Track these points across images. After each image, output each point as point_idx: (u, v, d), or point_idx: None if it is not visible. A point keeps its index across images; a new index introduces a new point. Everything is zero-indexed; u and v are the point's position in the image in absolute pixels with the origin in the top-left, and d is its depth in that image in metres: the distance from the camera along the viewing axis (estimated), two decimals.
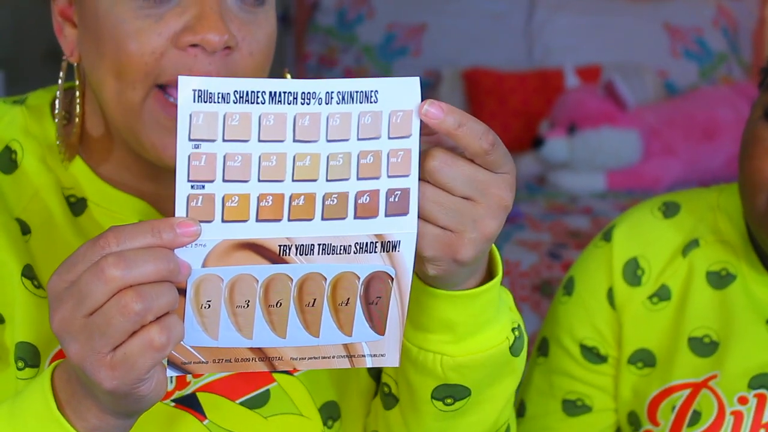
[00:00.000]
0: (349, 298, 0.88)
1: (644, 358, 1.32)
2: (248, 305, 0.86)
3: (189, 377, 1.04)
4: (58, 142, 1.04)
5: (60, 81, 1.05)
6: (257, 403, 1.06)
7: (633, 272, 1.33)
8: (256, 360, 0.89)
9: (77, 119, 1.05)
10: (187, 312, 0.85)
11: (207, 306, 0.85)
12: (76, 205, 1.05)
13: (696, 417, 1.27)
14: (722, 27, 4.00)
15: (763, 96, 1.25)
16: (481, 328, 0.97)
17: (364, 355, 0.91)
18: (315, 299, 0.88)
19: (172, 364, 0.87)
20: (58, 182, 1.05)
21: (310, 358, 0.90)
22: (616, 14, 3.96)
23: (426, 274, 0.93)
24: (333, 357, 0.90)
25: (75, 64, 1.04)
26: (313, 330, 0.89)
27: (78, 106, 1.05)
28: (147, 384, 0.84)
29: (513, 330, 1.00)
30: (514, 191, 0.91)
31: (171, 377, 1.03)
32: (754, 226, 1.25)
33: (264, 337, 0.88)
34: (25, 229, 1.02)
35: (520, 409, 1.40)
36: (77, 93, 1.05)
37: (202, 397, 1.04)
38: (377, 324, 0.90)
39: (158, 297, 0.81)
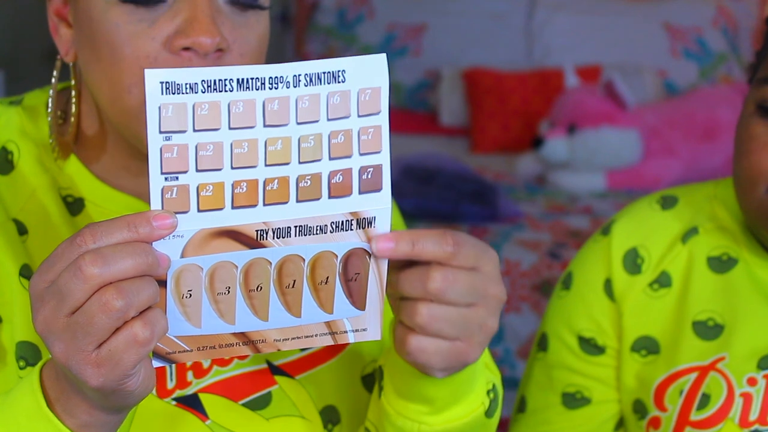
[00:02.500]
0: (328, 277, 0.88)
1: (648, 346, 1.32)
2: (229, 291, 0.86)
3: (190, 377, 1.04)
4: (51, 141, 1.05)
5: (54, 80, 1.06)
6: (259, 404, 1.06)
7: (633, 261, 1.33)
8: (240, 344, 0.89)
9: (73, 118, 1.05)
10: (169, 303, 0.85)
11: (188, 296, 0.85)
12: (74, 205, 1.05)
13: (705, 400, 1.27)
14: (722, 27, 4.00)
15: (753, 91, 1.25)
16: (458, 400, 0.98)
17: (346, 331, 0.91)
18: (294, 280, 0.88)
19: (157, 355, 0.87)
20: (55, 182, 1.05)
21: (293, 338, 0.90)
22: (616, 14, 3.97)
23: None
24: (315, 335, 0.91)
25: (71, 64, 1.04)
26: (295, 310, 0.89)
27: (74, 106, 1.05)
28: (134, 379, 0.83)
29: (488, 392, 1.01)
30: (501, 280, 0.93)
31: (171, 371, 1.04)
32: (752, 221, 1.26)
33: (246, 321, 0.88)
34: (22, 230, 1.02)
35: (521, 405, 1.41)
36: (73, 92, 1.05)
37: (204, 398, 1.04)
38: (357, 300, 0.90)
39: (139, 292, 0.81)
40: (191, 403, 1.04)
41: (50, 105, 1.06)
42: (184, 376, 1.04)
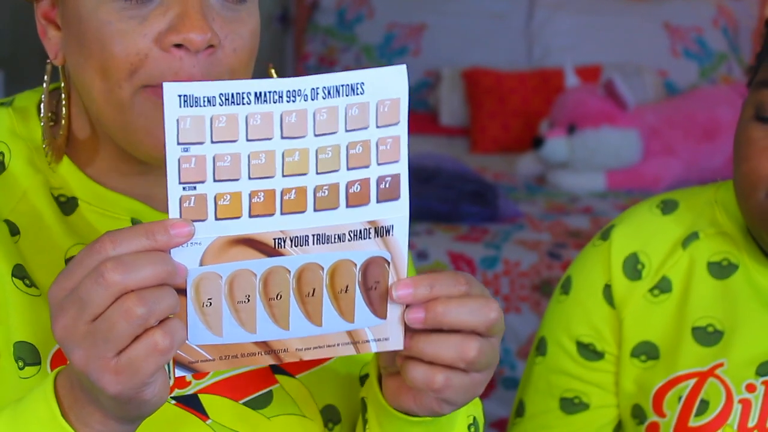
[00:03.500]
0: (347, 285, 0.89)
1: (647, 351, 1.32)
2: (249, 300, 0.87)
3: (189, 377, 1.04)
4: (44, 145, 1.04)
5: (45, 84, 1.05)
6: (260, 403, 1.06)
7: (633, 267, 1.33)
8: (262, 354, 0.89)
9: (63, 121, 1.05)
10: (190, 311, 0.86)
11: (208, 304, 0.86)
12: (67, 205, 1.05)
13: (704, 406, 1.27)
14: (722, 27, 4.00)
15: (752, 95, 1.24)
16: None
17: (368, 341, 0.91)
18: (314, 289, 0.88)
19: (180, 363, 0.87)
20: (47, 183, 1.04)
21: (315, 348, 0.90)
22: (616, 14, 3.96)
23: (401, 406, 0.96)
24: (337, 345, 0.91)
25: (60, 67, 1.04)
26: (316, 319, 0.89)
27: (64, 108, 1.05)
28: (151, 388, 0.84)
29: (469, 427, 1.02)
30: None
31: (169, 371, 1.03)
32: (753, 226, 1.25)
33: (267, 330, 0.88)
34: (13, 230, 1.02)
35: (519, 409, 1.41)
36: (63, 95, 1.05)
37: (204, 398, 1.04)
38: (378, 309, 0.90)
39: (160, 300, 0.81)
40: (191, 404, 1.04)
41: (42, 109, 1.06)
42: (183, 376, 1.04)
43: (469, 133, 3.76)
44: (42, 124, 1.05)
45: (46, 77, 1.05)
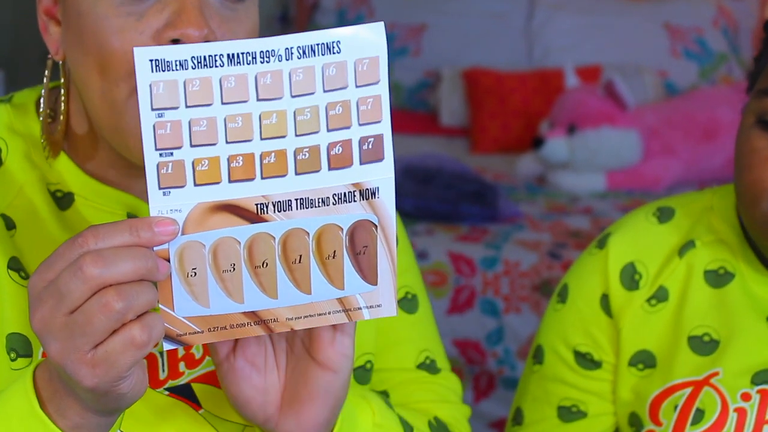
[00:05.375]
0: (335, 251, 0.88)
1: (644, 360, 1.31)
2: (234, 269, 0.86)
3: (182, 367, 1.04)
4: (42, 140, 1.05)
5: (45, 80, 1.06)
6: None
7: (630, 277, 1.32)
8: (252, 324, 0.88)
9: (62, 117, 1.06)
10: (175, 282, 0.85)
11: (193, 274, 0.85)
12: (63, 200, 1.05)
13: (699, 415, 1.27)
14: (722, 27, 4.00)
15: (753, 102, 1.23)
16: None
17: (360, 308, 0.90)
18: (301, 255, 0.87)
19: (168, 337, 0.87)
20: (44, 178, 1.05)
21: (306, 317, 0.89)
22: (616, 14, 3.96)
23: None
24: (329, 313, 0.90)
25: (60, 63, 1.04)
26: (304, 287, 0.88)
27: (63, 104, 1.06)
28: (127, 382, 0.84)
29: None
30: None
31: (163, 362, 1.03)
32: (755, 235, 1.24)
33: (255, 299, 0.87)
34: (9, 225, 1.03)
35: (517, 417, 1.40)
36: (62, 91, 1.06)
37: (196, 387, 1.04)
38: (368, 274, 0.89)
39: (138, 295, 0.81)
40: (184, 393, 1.04)
41: (42, 104, 1.06)
42: (176, 366, 1.04)
43: (469, 134, 3.76)
44: (41, 118, 1.06)
45: (46, 72, 1.06)
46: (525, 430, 1.39)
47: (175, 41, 0.95)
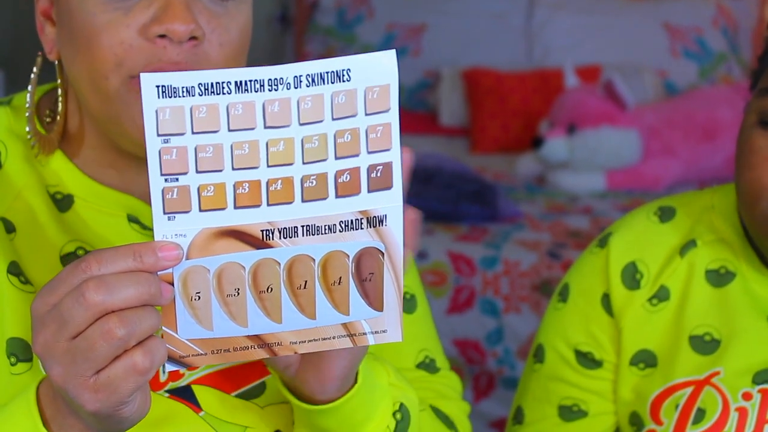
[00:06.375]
0: (341, 277, 0.87)
1: (646, 359, 1.31)
2: (239, 293, 0.86)
3: (183, 369, 1.04)
4: (28, 136, 1.05)
5: (33, 75, 1.07)
6: (253, 394, 1.06)
7: (632, 276, 1.32)
8: (255, 347, 0.88)
9: (59, 117, 1.06)
10: (178, 305, 0.85)
11: (197, 298, 0.85)
12: (63, 202, 1.05)
13: (700, 414, 1.27)
14: (722, 27, 4.00)
15: (755, 101, 1.23)
16: (356, 428, 0.98)
17: (365, 333, 0.90)
18: (306, 281, 0.87)
19: (171, 359, 0.87)
20: (43, 180, 1.05)
21: (311, 341, 0.89)
22: (616, 14, 3.96)
23: (296, 388, 0.96)
24: (333, 337, 0.89)
25: (56, 63, 1.05)
26: (309, 312, 0.88)
27: (60, 104, 1.06)
28: (129, 406, 0.84)
29: (394, 414, 1.01)
30: None
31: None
32: (755, 235, 1.24)
33: (259, 323, 0.87)
34: (9, 228, 1.03)
35: (518, 416, 1.40)
36: (60, 91, 1.06)
37: (197, 389, 1.04)
38: (374, 301, 0.89)
39: (141, 321, 0.81)
40: (184, 395, 1.04)
41: (28, 100, 1.07)
42: (176, 370, 1.04)
43: (469, 133, 3.76)
44: (27, 114, 1.06)
45: (35, 68, 1.07)
46: (526, 430, 1.39)
47: (162, 36, 0.95)
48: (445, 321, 2.76)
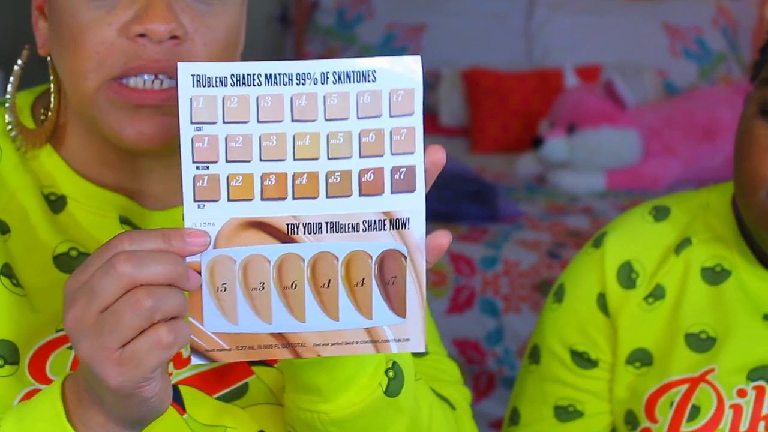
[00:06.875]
0: (364, 278, 0.88)
1: (641, 358, 1.32)
2: (263, 287, 0.87)
3: (171, 368, 1.04)
4: (9, 127, 1.05)
5: (16, 68, 1.07)
6: (235, 396, 1.06)
7: (627, 275, 1.32)
8: (279, 347, 0.89)
9: (50, 113, 1.06)
10: (205, 296, 0.86)
11: (223, 289, 0.87)
12: (56, 203, 1.05)
13: (695, 412, 1.27)
14: (722, 27, 4.00)
15: (756, 91, 1.23)
16: (345, 385, 0.97)
17: (388, 340, 0.90)
18: (329, 280, 0.88)
19: (196, 351, 0.88)
20: (37, 181, 1.05)
21: (334, 344, 0.89)
22: (616, 14, 3.96)
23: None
24: (356, 342, 0.90)
25: (48, 59, 1.05)
26: (332, 313, 0.89)
27: (53, 101, 1.06)
28: (152, 385, 0.85)
29: (387, 372, 0.99)
30: None
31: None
32: (752, 225, 1.24)
33: (283, 320, 0.88)
34: (3, 229, 1.03)
35: (514, 417, 1.40)
36: (52, 87, 1.06)
37: (183, 390, 1.04)
38: (397, 306, 0.89)
39: (168, 298, 0.83)
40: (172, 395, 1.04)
41: (9, 91, 1.07)
42: (166, 366, 1.04)
43: (469, 133, 3.76)
44: (8, 105, 1.06)
45: (20, 61, 1.07)
46: (522, 431, 1.39)
47: (142, 36, 0.96)
48: (445, 321, 2.76)
